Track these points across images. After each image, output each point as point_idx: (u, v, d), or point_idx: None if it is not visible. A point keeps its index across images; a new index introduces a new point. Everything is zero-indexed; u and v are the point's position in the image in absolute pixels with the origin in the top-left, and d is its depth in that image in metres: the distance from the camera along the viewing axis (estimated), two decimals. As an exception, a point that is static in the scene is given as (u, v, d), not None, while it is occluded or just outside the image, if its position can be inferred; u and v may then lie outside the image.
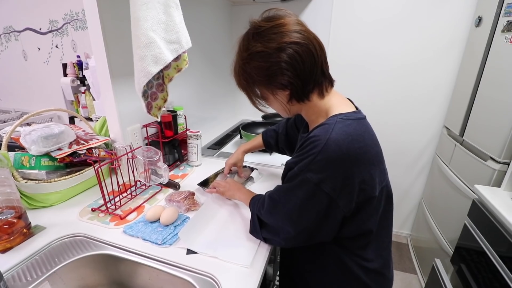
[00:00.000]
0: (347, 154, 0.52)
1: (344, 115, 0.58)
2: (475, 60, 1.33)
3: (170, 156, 1.13)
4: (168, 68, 0.82)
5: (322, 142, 0.53)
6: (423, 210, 1.76)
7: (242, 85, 0.66)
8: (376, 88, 1.75)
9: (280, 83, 0.59)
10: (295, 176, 0.57)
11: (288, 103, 0.64)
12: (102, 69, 0.91)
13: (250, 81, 0.63)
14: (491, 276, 0.92)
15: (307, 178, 0.55)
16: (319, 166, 0.53)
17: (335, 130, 0.54)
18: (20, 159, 0.81)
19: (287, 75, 0.58)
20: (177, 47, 0.71)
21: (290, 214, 0.59)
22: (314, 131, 0.57)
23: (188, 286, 0.60)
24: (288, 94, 0.61)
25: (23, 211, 0.70)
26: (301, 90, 0.60)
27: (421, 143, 1.81)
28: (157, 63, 0.67)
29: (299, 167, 0.56)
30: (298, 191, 0.57)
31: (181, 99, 1.33)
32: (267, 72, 0.59)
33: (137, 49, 0.67)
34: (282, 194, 0.62)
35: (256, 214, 0.69)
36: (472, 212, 1.07)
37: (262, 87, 0.63)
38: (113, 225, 0.76)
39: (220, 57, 1.77)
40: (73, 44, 2.29)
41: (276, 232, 0.64)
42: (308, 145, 0.56)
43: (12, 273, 0.60)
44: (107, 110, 0.98)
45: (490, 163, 1.13)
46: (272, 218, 0.64)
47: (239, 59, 0.63)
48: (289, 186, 0.59)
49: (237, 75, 0.65)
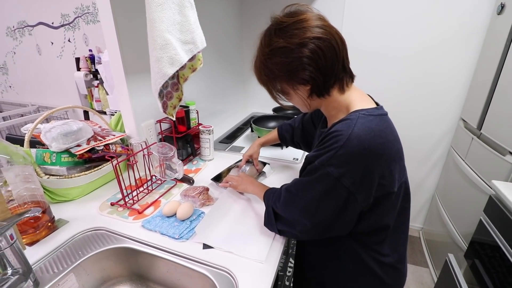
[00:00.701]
0: (369, 149, 0.52)
1: (366, 111, 0.58)
2: (497, 50, 1.27)
3: (184, 151, 1.15)
4: (183, 68, 0.83)
5: (344, 136, 0.53)
6: (437, 203, 1.74)
7: (263, 80, 0.66)
8: (390, 79, 1.71)
9: (301, 78, 0.59)
10: (315, 169, 0.57)
11: (308, 98, 0.63)
12: (116, 65, 0.92)
13: (271, 76, 0.63)
14: (505, 271, 0.91)
15: (327, 172, 0.55)
16: (340, 161, 0.53)
17: (357, 126, 0.54)
18: (42, 156, 0.84)
19: (309, 70, 0.57)
20: (192, 48, 0.72)
21: (308, 207, 0.60)
22: (336, 126, 0.57)
23: (205, 279, 0.63)
24: (309, 89, 0.61)
25: (47, 205, 0.74)
26: (322, 85, 0.60)
27: (436, 136, 1.77)
28: (173, 65, 0.68)
29: (320, 161, 0.56)
30: (317, 184, 0.57)
31: (193, 94, 1.34)
32: (288, 68, 0.59)
33: (153, 51, 0.67)
34: (300, 187, 0.62)
35: (271, 207, 0.70)
36: (488, 208, 1.05)
37: (283, 82, 0.63)
38: (131, 219, 0.79)
39: (230, 51, 1.76)
40: (85, 38, 2.32)
41: (292, 224, 0.65)
42: (330, 139, 0.56)
43: (39, 265, 0.64)
44: (122, 106, 0.99)
45: (509, 157, 1.10)
46: (288, 211, 0.65)
47: (260, 55, 0.63)
48: (309, 180, 0.60)
49: (258, 70, 0.65)
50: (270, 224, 0.71)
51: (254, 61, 0.66)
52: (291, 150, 1.33)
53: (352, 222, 0.60)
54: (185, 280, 0.68)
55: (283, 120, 1.54)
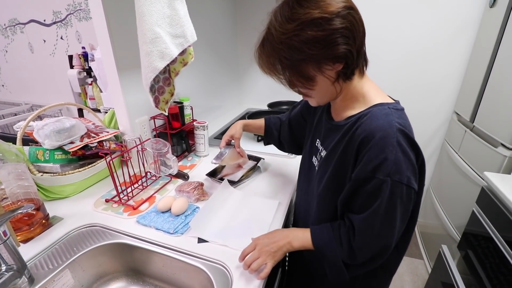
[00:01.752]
0: (412, 142, 0.51)
1: (393, 105, 0.54)
2: (489, 43, 1.28)
3: (178, 147, 1.15)
4: (174, 63, 0.82)
5: (393, 136, 0.49)
6: (431, 197, 1.76)
7: (279, 66, 0.55)
8: (384, 74, 1.71)
9: (335, 55, 0.51)
10: (380, 184, 0.50)
11: (334, 83, 0.55)
12: (108, 61, 0.92)
13: (297, 58, 0.52)
14: (497, 261, 0.93)
15: (395, 182, 0.49)
16: (401, 163, 0.49)
17: (396, 121, 0.50)
18: (35, 153, 0.84)
19: (346, 44, 0.50)
20: (183, 41, 0.71)
21: (389, 233, 0.55)
22: (370, 125, 0.51)
23: (200, 273, 0.63)
24: (337, 71, 0.53)
25: (41, 203, 0.73)
26: (355, 63, 0.54)
27: (430, 130, 1.79)
28: (163, 58, 0.68)
29: (383, 173, 0.49)
30: (395, 199, 0.51)
31: (187, 90, 1.34)
32: (323, 43, 0.49)
33: (143, 44, 0.67)
34: (378, 218, 0.53)
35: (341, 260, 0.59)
36: (480, 199, 1.07)
37: (309, 63, 0.52)
38: (126, 215, 0.79)
39: (224, 47, 1.75)
40: (78, 35, 2.29)
41: (371, 261, 0.59)
42: (377, 143, 0.49)
43: (34, 262, 0.64)
44: (115, 102, 0.99)
45: (500, 149, 1.12)
46: (366, 252, 0.57)
47: (278, 35, 0.51)
48: (384, 203, 0.51)
49: (271, 56, 0.54)
50: (342, 277, 0.61)
51: (261, 48, 0.56)
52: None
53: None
54: (181, 274, 0.69)
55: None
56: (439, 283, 1.26)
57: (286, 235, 0.63)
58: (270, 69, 0.56)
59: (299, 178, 0.81)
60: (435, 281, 1.31)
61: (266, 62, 0.56)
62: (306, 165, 0.74)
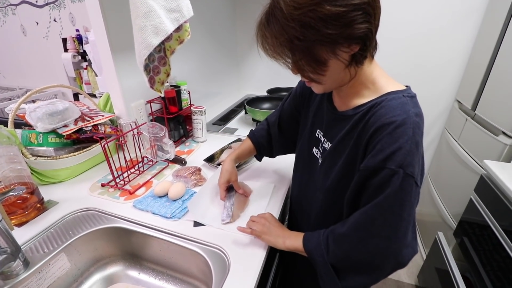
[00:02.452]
0: (422, 137, 0.46)
1: (407, 93, 0.49)
2: (495, 29, 1.24)
3: (176, 132, 1.13)
4: (170, 40, 0.79)
5: (409, 126, 0.44)
6: (428, 184, 1.76)
7: (288, 48, 0.47)
8: (386, 59, 1.68)
9: (355, 36, 0.44)
10: (391, 176, 0.44)
11: (348, 67, 0.49)
12: (102, 42, 0.88)
13: (310, 39, 0.44)
14: (491, 248, 0.94)
15: (407, 175, 0.44)
16: (413, 156, 0.44)
17: (412, 111, 0.46)
18: (28, 136, 0.82)
19: (368, 23, 0.44)
20: (178, 16, 0.67)
21: (397, 231, 0.48)
22: (385, 114, 0.46)
23: (197, 257, 0.63)
24: (353, 54, 0.47)
25: (35, 186, 0.72)
26: (372, 45, 0.48)
27: (431, 117, 1.77)
28: (158, 34, 0.64)
29: (395, 163, 0.44)
30: (404, 195, 0.45)
31: (184, 74, 1.30)
32: (343, 21, 0.42)
33: (136, 18, 0.63)
34: (380, 212, 0.47)
35: (328, 262, 0.53)
36: (479, 187, 1.07)
37: (324, 45, 0.45)
38: (123, 199, 0.78)
39: (222, 30, 1.70)
40: (71, 17, 2.22)
41: (368, 269, 0.52)
42: (392, 132, 0.45)
43: (29, 245, 0.63)
44: (110, 85, 0.96)
45: (501, 138, 1.10)
46: (363, 253, 0.50)
47: (289, 10, 0.43)
48: (392, 195, 0.45)
49: (279, 36, 0.45)
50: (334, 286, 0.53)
51: (265, 26, 0.47)
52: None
53: None
54: (178, 258, 0.68)
55: (278, 101, 1.52)
56: (433, 269, 1.28)
57: (285, 232, 0.63)
58: (276, 52, 0.48)
59: (296, 170, 0.77)
60: (430, 267, 1.34)
61: (271, 43, 0.47)
62: (305, 156, 0.70)
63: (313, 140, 0.67)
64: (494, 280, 0.90)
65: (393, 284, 1.53)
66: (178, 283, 0.71)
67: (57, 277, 0.64)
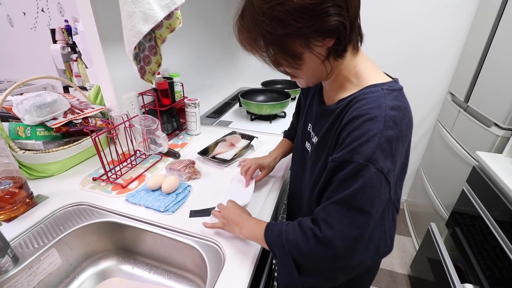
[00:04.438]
0: (401, 132, 0.43)
1: (388, 85, 0.47)
2: (487, 22, 1.25)
3: (169, 125, 1.11)
4: (160, 28, 0.76)
5: (380, 120, 0.42)
6: (421, 176, 1.79)
7: (262, 42, 0.48)
8: (379, 51, 1.67)
9: (326, 29, 0.44)
10: (358, 171, 0.42)
11: (325, 61, 0.49)
12: (91, 32, 0.85)
13: (280, 32, 0.45)
14: (482, 238, 0.95)
15: (377, 170, 0.42)
16: (384, 150, 0.42)
17: (388, 104, 0.44)
18: (15, 130, 0.79)
19: (339, 15, 0.43)
20: (169, 3, 0.65)
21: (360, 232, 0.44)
22: (359, 107, 0.45)
23: (192, 250, 0.62)
24: (328, 48, 0.47)
25: (23, 181, 0.70)
26: (347, 39, 0.47)
27: (424, 110, 1.78)
28: (147, 21, 0.61)
29: (363, 156, 0.42)
30: (369, 191, 0.43)
31: (177, 66, 1.28)
32: (312, 14, 0.42)
33: (124, 4, 0.61)
34: (343, 208, 0.44)
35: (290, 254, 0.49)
36: (471, 178, 1.08)
37: (296, 39, 0.45)
38: (115, 193, 0.76)
39: (216, 21, 1.67)
40: (60, 7, 2.15)
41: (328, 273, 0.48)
42: (361, 125, 0.43)
43: (18, 241, 0.62)
44: (100, 77, 0.93)
45: (493, 129, 1.12)
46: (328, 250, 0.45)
47: (259, 5, 0.44)
48: (356, 190, 0.43)
49: (252, 30, 0.46)
50: (292, 280, 0.49)
51: (241, 21, 0.48)
52: (280, 123, 1.31)
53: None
54: (172, 252, 0.68)
55: (272, 94, 1.50)
56: (426, 259, 1.30)
57: (243, 220, 0.60)
58: (252, 46, 0.49)
59: (293, 163, 0.78)
60: (422, 257, 1.36)
61: (246, 37, 0.48)
62: (299, 150, 0.71)
63: (305, 135, 0.67)
64: (485, 269, 0.92)
65: (386, 274, 1.56)
66: (172, 277, 0.71)
67: (48, 273, 0.62)
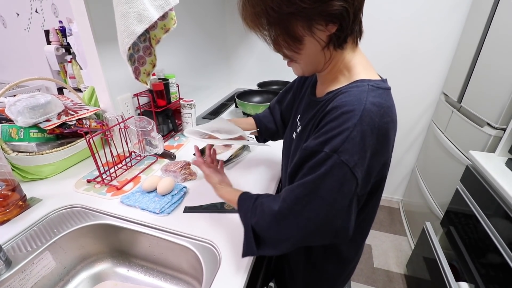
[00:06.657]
0: (378, 129, 0.43)
1: (374, 83, 0.47)
2: (479, 24, 1.26)
3: (164, 126, 1.10)
4: (155, 28, 0.76)
5: (357, 113, 0.42)
6: (416, 176, 1.80)
7: (265, 20, 0.47)
8: (372, 52, 1.69)
9: (330, 13, 0.44)
10: (324, 160, 0.43)
11: (324, 48, 0.49)
12: (85, 33, 0.85)
13: (284, 11, 0.44)
14: (476, 236, 0.96)
15: (341, 162, 0.42)
16: (354, 144, 0.42)
17: (369, 100, 0.44)
18: (8, 131, 0.78)
19: (344, 1, 0.43)
20: (163, 3, 0.65)
21: (316, 217, 0.47)
22: (342, 99, 0.45)
23: (188, 252, 0.62)
24: (329, 35, 0.47)
25: (16, 183, 0.69)
26: (349, 27, 0.47)
27: (418, 111, 1.80)
28: (142, 22, 0.61)
29: (331, 147, 0.43)
30: (330, 180, 0.44)
31: (172, 67, 1.27)
32: None
33: (118, 5, 0.60)
34: (303, 192, 0.46)
35: (251, 226, 0.53)
36: (465, 178, 1.09)
37: (299, 20, 0.45)
38: (110, 195, 0.76)
39: (212, 22, 1.67)
40: (54, 8, 2.13)
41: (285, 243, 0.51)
42: (338, 117, 0.44)
43: (11, 244, 0.61)
44: (95, 78, 0.93)
45: (486, 129, 1.13)
46: (284, 227, 0.49)
47: None
48: (317, 177, 0.44)
49: (256, 6, 0.46)
50: (250, 252, 0.53)
51: None
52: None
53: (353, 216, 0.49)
54: (168, 254, 0.67)
55: (268, 95, 1.50)
56: (421, 258, 1.31)
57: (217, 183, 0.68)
58: (254, 23, 0.48)
59: (282, 155, 0.77)
60: (418, 256, 1.37)
61: (250, 13, 0.47)
62: (287, 141, 0.70)
63: (293, 126, 0.67)
64: (479, 267, 0.93)
65: (382, 274, 1.57)
66: (168, 279, 0.70)
67: (41, 276, 0.62)
